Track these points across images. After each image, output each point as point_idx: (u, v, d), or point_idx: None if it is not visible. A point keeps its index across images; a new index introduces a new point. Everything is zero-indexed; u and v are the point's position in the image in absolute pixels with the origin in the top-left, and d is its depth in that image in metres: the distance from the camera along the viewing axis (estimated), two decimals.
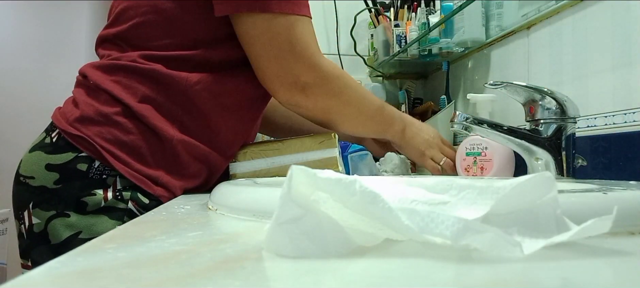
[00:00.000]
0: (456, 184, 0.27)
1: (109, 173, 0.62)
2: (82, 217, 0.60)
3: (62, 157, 0.62)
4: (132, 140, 0.63)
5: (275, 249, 0.24)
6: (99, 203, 0.61)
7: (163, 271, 0.21)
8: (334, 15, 1.44)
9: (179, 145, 0.65)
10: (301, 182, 0.24)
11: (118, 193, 0.62)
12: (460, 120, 0.59)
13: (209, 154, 0.69)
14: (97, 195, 0.61)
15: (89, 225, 0.60)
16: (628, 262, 0.23)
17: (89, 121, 0.62)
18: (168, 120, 0.64)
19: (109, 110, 0.63)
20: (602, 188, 0.35)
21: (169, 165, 0.65)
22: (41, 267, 0.20)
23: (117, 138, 0.62)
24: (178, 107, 0.65)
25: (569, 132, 0.59)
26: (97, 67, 0.67)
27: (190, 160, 0.67)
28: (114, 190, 0.62)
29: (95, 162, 0.61)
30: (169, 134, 0.64)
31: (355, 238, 0.24)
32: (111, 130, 0.62)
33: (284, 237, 0.23)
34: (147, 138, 0.63)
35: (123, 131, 0.62)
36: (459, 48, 1.10)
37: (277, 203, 0.24)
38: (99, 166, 0.62)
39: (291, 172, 0.24)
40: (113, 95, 0.63)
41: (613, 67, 0.69)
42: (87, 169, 0.61)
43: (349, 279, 0.20)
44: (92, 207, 0.61)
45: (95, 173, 0.61)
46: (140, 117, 0.63)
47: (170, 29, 0.66)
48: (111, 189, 0.62)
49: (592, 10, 0.73)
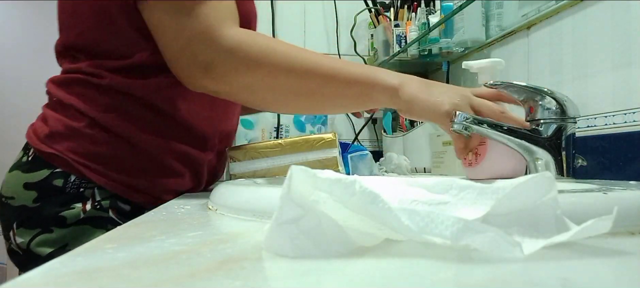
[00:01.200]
0: (456, 184, 0.27)
1: (86, 185, 0.61)
2: (65, 230, 0.60)
3: (38, 174, 0.61)
4: (105, 151, 0.62)
5: (275, 249, 0.24)
6: (78, 215, 0.60)
7: (163, 271, 0.21)
8: (334, 15, 1.45)
9: (152, 148, 0.64)
10: (301, 182, 0.24)
11: (97, 204, 0.61)
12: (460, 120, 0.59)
13: (187, 151, 0.67)
14: (75, 208, 0.60)
15: (75, 236, 0.60)
16: (628, 262, 0.23)
17: (59, 136, 0.61)
18: (136, 125, 0.63)
19: (77, 124, 0.61)
20: (602, 188, 0.35)
21: (147, 170, 0.64)
22: (41, 267, 0.20)
23: (89, 151, 0.61)
24: (144, 110, 0.63)
25: (569, 132, 0.59)
26: (56, 82, 0.65)
27: (169, 160, 0.65)
28: (92, 201, 0.61)
29: (71, 176, 0.61)
30: (141, 139, 0.63)
31: (355, 238, 0.24)
32: (82, 144, 0.61)
33: (284, 237, 0.23)
34: (120, 146, 0.62)
35: (94, 143, 0.61)
36: (459, 48, 1.10)
37: (277, 204, 0.24)
38: (75, 180, 0.61)
39: (291, 172, 0.24)
40: (78, 109, 0.62)
41: (613, 67, 0.69)
42: (64, 184, 0.60)
43: (349, 279, 0.20)
44: (71, 219, 0.60)
45: (72, 188, 0.60)
46: (109, 127, 0.62)
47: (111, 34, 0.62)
48: (90, 202, 0.61)
49: (592, 10, 0.73)
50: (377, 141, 1.46)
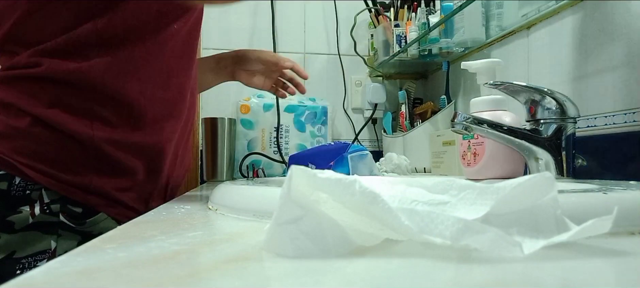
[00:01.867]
0: (456, 184, 0.27)
1: (33, 187, 0.58)
2: (12, 236, 0.56)
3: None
4: (51, 150, 0.58)
5: (275, 249, 0.24)
6: (26, 220, 0.57)
7: (163, 271, 0.21)
8: (334, 15, 1.45)
9: (102, 143, 0.60)
10: (301, 182, 0.24)
11: (46, 207, 0.58)
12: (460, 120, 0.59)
13: (140, 143, 0.63)
14: (23, 213, 0.57)
15: (22, 243, 0.56)
16: (628, 262, 0.23)
17: (1, 137, 0.58)
18: (83, 119, 0.59)
19: (19, 122, 0.57)
20: (602, 189, 0.35)
21: (98, 168, 0.60)
22: (41, 267, 0.20)
23: (34, 151, 0.58)
24: (90, 102, 0.59)
25: (569, 132, 0.59)
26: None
27: (121, 156, 0.61)
28: (41, 204, 0.58)
29: (16, 178, 0.57)
30: (88, 135, 0.59)
31: (355, 238, 0.24)
32: (26, 144, 0.57)
33: (284, 237, 0.23)
34: (67, 145, 0.58)
35: (39, 143, 0.58)
36: (459, 48, 1.10)
37: (277, 204, 0.24)
38: (20, 182, 0.57)
39: (291, 172, 0.24)
40: (19, 107, 0.58)
41: (613, 67, 0.69)
42: (8, 187, 0.57)
43: (349, 279, 0.20)
44: (20, 224, 0.57)
45: (18, 190, 0.57)
46: (54, 125, 0.58)
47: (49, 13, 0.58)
48: (38, 204, 0.57)
49: (592, 10, 0.73)
50: (377, 141, 1.46)
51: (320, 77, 1.45)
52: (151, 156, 0.65)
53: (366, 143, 1.46)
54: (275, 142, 1.28)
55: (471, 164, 0.68)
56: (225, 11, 1.39)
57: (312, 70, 1.45)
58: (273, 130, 1.29)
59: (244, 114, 1.28)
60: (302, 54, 1.45)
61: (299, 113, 1.31)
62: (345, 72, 1.45)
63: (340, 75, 1.45)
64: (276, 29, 1.42)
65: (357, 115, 1.47)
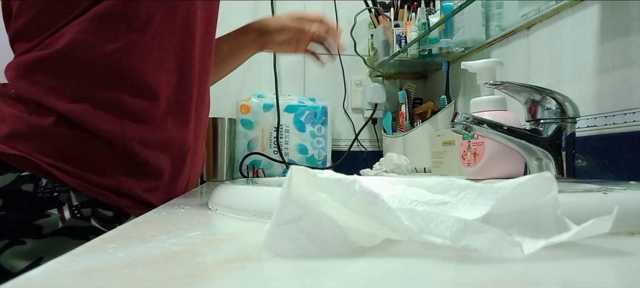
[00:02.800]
0: (456, 184, 0.27)
1: (61, 189, 0.54)
2: (40, 241, 0.53)
3: (0, 179, 0.53)
4: (78, 149, 0.54)
5: (275, 249, 0.24)
6: (56, 224, 0.54)
7: (163, 271, 0.21)
8: (334, 15, 1.45)
9: (133, 142, 0.57)
10: (301, 182, 0.24)
11: (76, 210, 0.54)
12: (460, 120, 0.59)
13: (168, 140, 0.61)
14: (51, 216, 0.53)
15: (51, 249, 0.53)
16: (628, 262, 0.23)
17: (23, 136, 0.54)
18: (112, 116, 0.55)
19: (42, 121, 0.53)
20: (602, 189, 0.35)
21: (127, 168, 0.57)
22: (41, 267, 0.20)
23: (59, 150, 0.54)
24: (117, 92, 0.56)
25: (569, 132, 0.59)
26: (13, 69, 0.57)
27: (149, 154, 0.59)
28: (70, 207, 0.54)
29: (43, 179, 0.54)
30: (118, 134, 0.56)
31: (355, 238, 0.24)
32: (51, 144, 0.54)
33: (284, 237, 0.23)
34: (95, 144, 0.55)
35: (64, 142, 0.54)
36: (459, 48, 1.10)
37: (277, 204, 0.24)
38: (47, 184, 0.54)
39: (291, 172, 0.24)
40: (40, 103, 0.54)
41: (613, 67, 0.69)
42: (35, 189, 0.53)
43: (349, 279, 0.20)
44: (48, 229, 0.53)
45: (45, 192, 0.54)
46: (81, 123, 0.54)
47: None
48: (67, 207, 0.54)
49: (592, 10, 0.73)
50: (377, 141, 1.46)
51: (320, 77, 1.45)
52: (177, 154, 0.63)
53: (366, 143, 1.46)
54: (275, 142, 1.28)
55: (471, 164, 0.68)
56: (225, 11, 1.39)
57: (312, 70, 1.45)
58: (273, 130, 1.29)
59: (244, 114, 1.28)
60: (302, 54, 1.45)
61: (299, 113, 1.31)
62: (345, 72, 1.45)
63: (340, 75, 1.45)
64: None
65: (357, 115, 1.47)
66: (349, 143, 1.43)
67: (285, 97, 1.37)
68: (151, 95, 0.59)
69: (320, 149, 1.32)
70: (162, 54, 0.59)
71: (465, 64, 0.70)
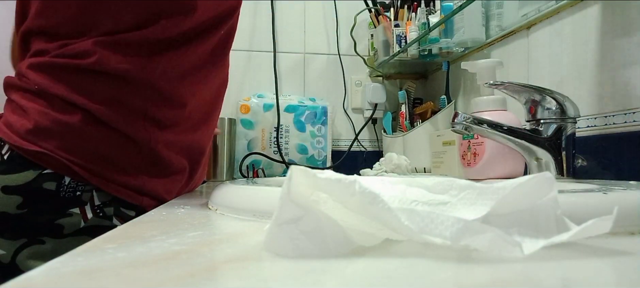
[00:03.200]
0: (456, 184, 0.27)
1: (84, 188, 0.54)
2: (60, 241, 0.52)
3: (21, 176, 0.52)
4: (103, 148, 0.55)
5: (275, 249, 0.24)
6: (78, 224, 0.53)
7: (163, 271, 0.21)
8: (334, 15, 1.45)
9: (158, 144, 0.58)
10: (301, 182, 0.24)
11: (98, 209, 0.54)
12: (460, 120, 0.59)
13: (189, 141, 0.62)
14: (73, 216, 0.53)
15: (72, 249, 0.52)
16: (628, 262, 0.23)
17: (47, 133, 0.53)
18: (138, 119, 0.56)
19: (69, 118, 0.53)
20: (602, 189, 0.35)
21: (151, 169, 0.58)
22: (41, 267, 0.20)
23: (84, 148, 0.54)
24: (145, 101, 0.57)
25: (569, 132, 0.59)
26: (36, 67, 0.56)
27: (172, 157, 0.60)
28: (92, 206, 0.54)
29: (65, 178, 0.53)
30: (145, 136, 0.57)
31: (355, 238, 0.24)
32: (76, 141, 0.53)
33: (284, 237, 0.23)
34: (121, 144, 0.55)
35: (90, 140, 0.54)
36: (459, 48, 1.10)
37: (277, 204, 0.24)
38: (70, 183, 0.53)
39: (291, 172, 0.24)
40: (67, 100, 0.54)
41: (613, 67, 0.69)
42: (57, 188, 0.53)
43: (349, 279, 0.20)
44: (70, 229, 0.53)
45: (68, 191, 0.53)
46: (108, 123, 0.55)
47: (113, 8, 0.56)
48: (89, 206, 0.54)
49: (592, 10, 0.73)
50: (377, 141, 1.46)
51: (320, 77, 1.45)
52: (195, 157, 0.65)
53: (366, 143, 1.46)
54: (275, 142, 1.28)
55: (471, 164, 0.68)
56: None
57: (312, 70, 1.45)
58: (273, 130, 1.29)
59: (244, 114, 1.28)
60: (302, 54, 1.45)
61: (299, 113, 1.31)
62: (345, 72, 1.45)
63: (340, 75, 1.45)
64: (276, 29, 1.42)
65: (357, 115, 1.47)
66: (349, 143, 1.43)
67: (285, 97, 1.37)
68: (179, 105, 0.60)
69: (320, 149, 1.32)
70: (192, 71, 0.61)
71: (465, 64, 0.70)
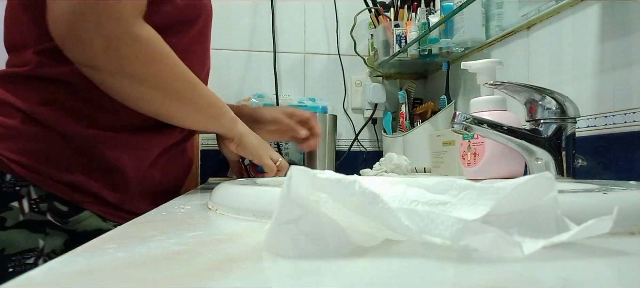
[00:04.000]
0: (456, 185, 0.27)
1: (22, 184, 0.59)
2: (3, 233, 0.58)
3: None
4: (41, 147, 0.60)
5: (275, 249, 0.24)
6: (17, 217, 0.59)
7: (163, 271, 0.21)
8: (334, 15, 1.45)
9: (91, 141, 0.62)
10: (301, 182, 0.24)
11: (34, 204, 0.60)
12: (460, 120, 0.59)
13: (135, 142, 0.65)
14: (13, 209, 0.59)
15: (12, 241, 0.58)
16: (628, 262, 0.23)
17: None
18: (74, 119, 0.61)
19: (11, 121, 0.60)
20: (602, 189, 0.35)
21: (86, 166, 0.62)
22: (41, 267, 0.20)
23: (24, 148, 0.60)
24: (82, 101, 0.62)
25: (569, 132, 0.59)
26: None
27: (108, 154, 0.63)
28: (29, 200, 0.59)
29: (7, 175, 0.59)
30: (78, 132, 0.61)
31: (355, 239, 0.24)
32: (17, 141, 0.60)
33: (284, 237, 0.23)
34: (56, 142, 0.60)
35: (29, 139, 0.60)
36: (459, 48, 1.10)
37: (277, 204, 0.24)
38: (11, 179, 0.59)
39: (291, 172, 0.24)
40: (11, 104, 0.60)
41: (613, 67, 0.69)
42: (0, 184, 0.59)
43: (349, 279, 0.20)
44: (11, 221, 0.58)
45: (8, 187, 0.59)
46: (44, 121, 0.60)
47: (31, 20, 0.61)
48: (26, 200, 0.59)
49: (592, 10, 0.73)
50: (377, 141, 1.46)
51: (320, 77, 1.45)
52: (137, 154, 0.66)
53: (366, 143, 1.46)
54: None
55: (471, 164, 0.68)
56: (225, 11, 1.39)
57: (312, 70, 1.45)
58: None
59: None
60: (302, 54, 1.45)
61: None
62: (345, 72, 1.45)
63: (340, 75, 1.45)
64: (276, 28, 1.42)
65: (357, 115, 1.47)
66: (349, 143, 1.43)
67: (285, 97, 1.37)
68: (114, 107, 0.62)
69: None
70: None
71: (465, 64, 0.70)
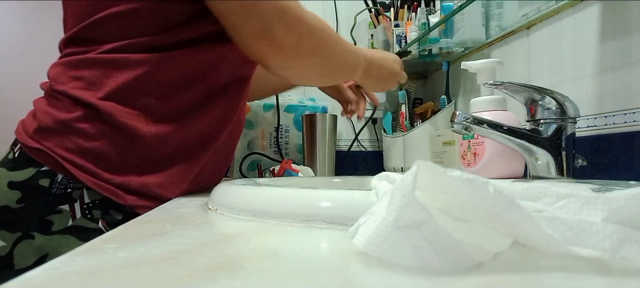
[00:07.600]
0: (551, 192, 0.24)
1: (74, 186, 0.56)
2: (47, 238, 0.55)
3: (23, 173, 0.56)
4: (97, 146, 0.56)
5: (391, 256, 0.21)
6: (66, 222, 0.55)
7: (163, 271, 0.21)
8: (334, 15, 1.45)
9: (153, 141, 0.58)
10: (427, 179, 0.21)
11: (86, 209, 0.56)
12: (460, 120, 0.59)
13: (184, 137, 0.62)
14: (63, 213, 0.55)
15: (56, 247, 0.55)
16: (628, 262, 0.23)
17: (48, 131, 0.56)
18: (139, 113, 0.58)
19: (68, 116, 0.56)
20: (602, 189, 0.35)
21: (141, 167, 0.59)
22: (41, 267, 0.20)
23: (79, 146, 0.56)
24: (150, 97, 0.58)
25: (569, 132, 0.59)
26: (59, 64, 0.60)
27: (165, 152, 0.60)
28: (81, 204, 0.56)
29: (58, 175, 0.56)
30: (141, 131, 0.57)
31: (472, 252, 0.21)
32: (72, 139, 0.56)
33: (405, 243, 0.20)
34: (115, 141, 0.57)
35: (85, 138, 0.56)
36: (459, 48, 1.10)
37: (395, 201, 0.20)
38: (62, 180, 0.56)
39: (417, 167, 0.21)
40: (73, 96, 0.57)
41: (613, 67, 0.69)
42: (50, 184, 0.55)
43: (349, 279, 0.20)
44: (58, 226, 0.55)
45: (59, 188, 0.55)
46: (106, 116, 0.56)
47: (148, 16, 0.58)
48: (78, 204, 0.56)
49: (592, 10, 0.73)
50: (377, 141, 1.46)
51: None
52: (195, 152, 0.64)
53: (366, 143, 1.46)
54: (275, 142, 1.28)
55: (471, 164, 0.68)
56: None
57: None
58: (273, 130, 1.29)
59: None
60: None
61: (299, 113, 1.31)
62: None
63: None
64: None
65: None
66: (349, 143, 1.43)
67: (285, 97, 1.37)
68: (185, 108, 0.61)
69: None
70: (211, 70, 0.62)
71: (465, 64, 0.70)
